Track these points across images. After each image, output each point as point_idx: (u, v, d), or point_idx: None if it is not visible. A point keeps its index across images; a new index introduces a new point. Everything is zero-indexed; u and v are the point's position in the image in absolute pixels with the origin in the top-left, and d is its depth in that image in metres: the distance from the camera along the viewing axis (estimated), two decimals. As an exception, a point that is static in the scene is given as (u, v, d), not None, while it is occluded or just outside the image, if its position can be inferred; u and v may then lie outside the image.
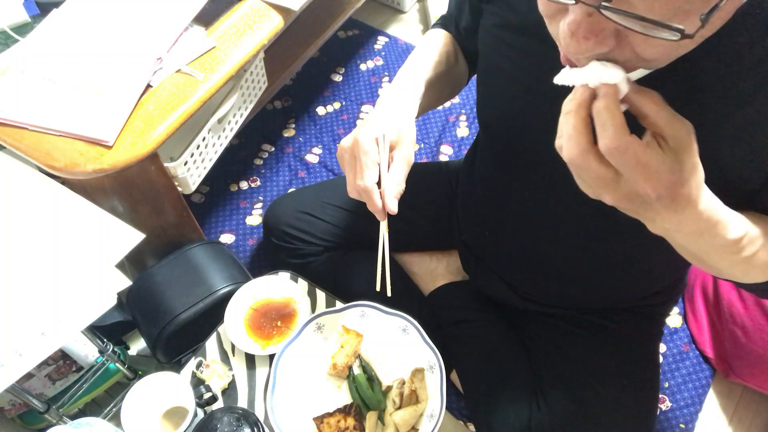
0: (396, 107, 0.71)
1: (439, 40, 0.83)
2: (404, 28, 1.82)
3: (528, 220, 0.77)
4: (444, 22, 0.87)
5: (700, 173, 0.44)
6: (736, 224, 0.49)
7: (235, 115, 1.08)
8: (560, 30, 0.42)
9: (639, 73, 0.48)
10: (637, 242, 0.71)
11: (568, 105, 0.43)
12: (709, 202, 0.46)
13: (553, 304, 0.90)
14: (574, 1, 0.38)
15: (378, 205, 0.66)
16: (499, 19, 0.65)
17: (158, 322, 0.97)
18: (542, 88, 0.61)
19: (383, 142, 0.66)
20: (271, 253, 1.14)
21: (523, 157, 0.71)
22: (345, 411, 0.76)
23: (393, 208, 0.66)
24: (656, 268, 0.80)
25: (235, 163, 1.48)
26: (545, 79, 0.59)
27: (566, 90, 0.45)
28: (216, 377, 0.79)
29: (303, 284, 0.89)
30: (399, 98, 0.72)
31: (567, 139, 0.43)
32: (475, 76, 0.80)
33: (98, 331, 0.99)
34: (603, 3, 0.37)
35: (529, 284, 0.89)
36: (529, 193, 0.74)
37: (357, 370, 0.80)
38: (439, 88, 0.81)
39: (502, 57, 0.66)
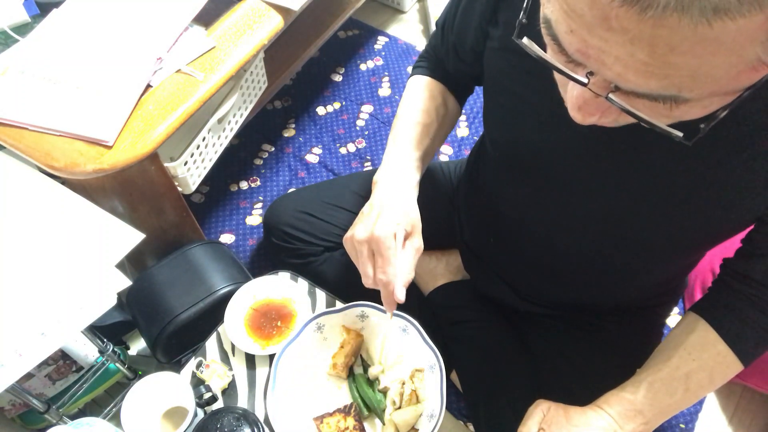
0: (404, 196, 0.73)
1: (428, 93, 0.83)
2: (404, 28, 1.82)
3: (533, 231, 0.78)
4: (430, 57, 0.87)
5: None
6: (669, 388, 0.68)
7: (235, 115, 1.08)
8: (567, 97, 0.44)
9: None
10: (641, 255, 0.71)
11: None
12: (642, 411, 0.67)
13: (555, 306, 0.91)
14: (585, 82, 0.39)
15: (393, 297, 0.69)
16: (505, 42, 0.65)
17: (158, 322, 0.97)
18: (551, 109, 0.61)
19: (400, 238, 0.69)
20: (271, 253, 1.14)
21: (532, 173, 0.71)
22: (345, 411, 0.76)
23: (401, 297, 0.68)
24: (658, 276, 0.81)
25: (235, 163, 1.48)
26: (553, 101, 0.59)
27: None
28: (216, 377, 0.79)
29: (303, 284, 0.89)
30: (404, 185, 0.75)
31: None
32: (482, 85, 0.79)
33: (98, 331, 0.99)
34: (610, 95, 0.38)
35: (531, 288, 0.90)
36: (536, 207, 0.74)
37: (357, 370, 0.80)
38: (434, 147, 0.83)
39: (510, 79, 0.66)
